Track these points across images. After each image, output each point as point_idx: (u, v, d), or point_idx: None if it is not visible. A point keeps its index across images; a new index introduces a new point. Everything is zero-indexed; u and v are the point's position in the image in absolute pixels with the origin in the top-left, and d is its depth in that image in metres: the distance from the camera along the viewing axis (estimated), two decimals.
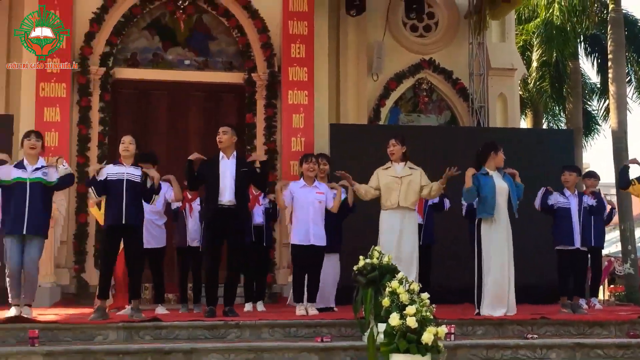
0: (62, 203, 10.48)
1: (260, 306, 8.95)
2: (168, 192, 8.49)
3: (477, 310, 7.84)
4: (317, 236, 8.03)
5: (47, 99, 11.16)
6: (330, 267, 8.53)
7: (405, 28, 13.01)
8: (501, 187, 7.89)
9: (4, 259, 7.28)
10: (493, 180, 7.90)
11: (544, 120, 21.77)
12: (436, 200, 9.24)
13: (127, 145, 7.61)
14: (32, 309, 7.42)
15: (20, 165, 7.44)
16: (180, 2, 12.12)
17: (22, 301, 7.33)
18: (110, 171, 7.51)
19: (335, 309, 8.51)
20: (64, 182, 7.62)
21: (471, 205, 8.50)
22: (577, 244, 8.65)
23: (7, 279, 7.35)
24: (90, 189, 7.67)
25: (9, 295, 7.35)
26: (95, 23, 11.67)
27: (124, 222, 7.43)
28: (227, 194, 7.74)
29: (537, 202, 8.88)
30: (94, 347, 6.47)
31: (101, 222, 9.03)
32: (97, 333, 6.84)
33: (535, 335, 7.00)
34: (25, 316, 7.12)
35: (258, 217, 8.92)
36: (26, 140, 7.54)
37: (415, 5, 12.23)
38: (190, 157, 7.86)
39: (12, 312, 7.21)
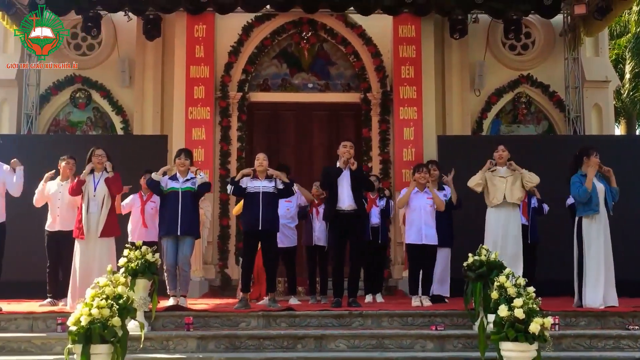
0: (208, 209, 10.77)
1: (379, 298, 8.92)
2: (300, 198, 8.68)
3: (579, 303, 7.54)
4: (429, 236, 7.98)
5: (194, 121, 11.55)
6: (442, 259, 8.45)
7: (504, 47, 12.66)
8: (599, 187, 7.63)
9: (162, 257, 7.57)
10: (592, 181, 7.63)
11: (636, 127, 20.73)
12: (535, 204, 9.05)
13: (261, 161, 7.85)
14: (186, 299, 7.70)
15: (174, 178, 7.78)
16: (304, 33, 12.30)
17: (178, 292, 7.60)
18: (249, 184, 7.75)
19: (447, 300, 8.40)
20: (202, 189, 7.84)
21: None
22: None
23: (165, 274, 7.66)
24: (229, 185, 7.95)
25: (167, 287, 7.65)
26: (233, 55, 12.00)
27: (260, 228, 7.63)
28: (346, 201, 7.83)
29: None
30: (238, 332, 6.67)
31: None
32: (241, 320, 7.02)
33: (636, 327, 6.66)
34: (182, 305, 7.39)
35: (374, 218, 8.90)
36: (177, 159, 7.88)
37: (513, 27, 11.89)
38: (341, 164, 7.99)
39: (170, 301, 7.50)
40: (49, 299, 8.20)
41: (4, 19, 11.05)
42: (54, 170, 8.42)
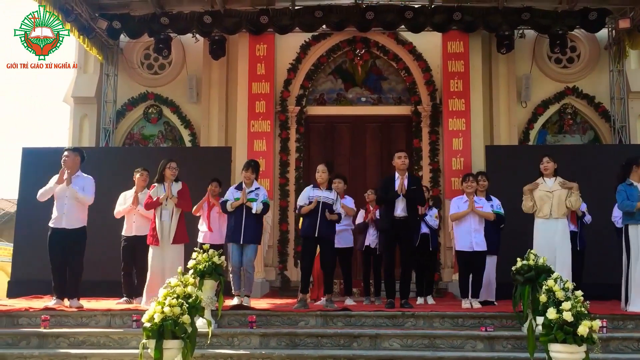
0: (268, 215, 10.85)
1: (430, 300, 8.83)
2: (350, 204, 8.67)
3: (624, 307, 7.30)
4: (478, 243, 7.87)
5: (256, 133, 11.69)
6: (488, 267, 8.31)
7: (550, 61, 12.42)
8: None
9: (228, 259, 7.64)
10: (638, 190, 7.37)
11: None
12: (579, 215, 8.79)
13: (321, 173, 7.82)
14: (250, 298, 7.77)
15: (239, 187, 7.86)
16: (358, 50, 12.35)
17: (243, 292, 7.68)
18: (311, 194, 7.76)
19: (496, 303, 8.25)
20: (263, 211, 7.81)
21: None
22: None
23: (231, 275, 7.74)
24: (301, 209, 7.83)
25: (232, 288, 7.73)
26: (292, 72, 12.14)
27: (317, 235, 7.64)
28: (400, 208, 7.77)
29: None
30: (298, 331, 6.68)
31: None
32: (300, 319, 7.03)
33: None
34: (245, 304, 7.45)
35: (424, 227, 8.79)
36: (244, 172, 7.93)
37: (558, 41, 11.66)
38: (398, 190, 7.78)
39: (235, 301, 7.57)
40: (124, 298, 8.40)
41: (84, 42, 11.45)
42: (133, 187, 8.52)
